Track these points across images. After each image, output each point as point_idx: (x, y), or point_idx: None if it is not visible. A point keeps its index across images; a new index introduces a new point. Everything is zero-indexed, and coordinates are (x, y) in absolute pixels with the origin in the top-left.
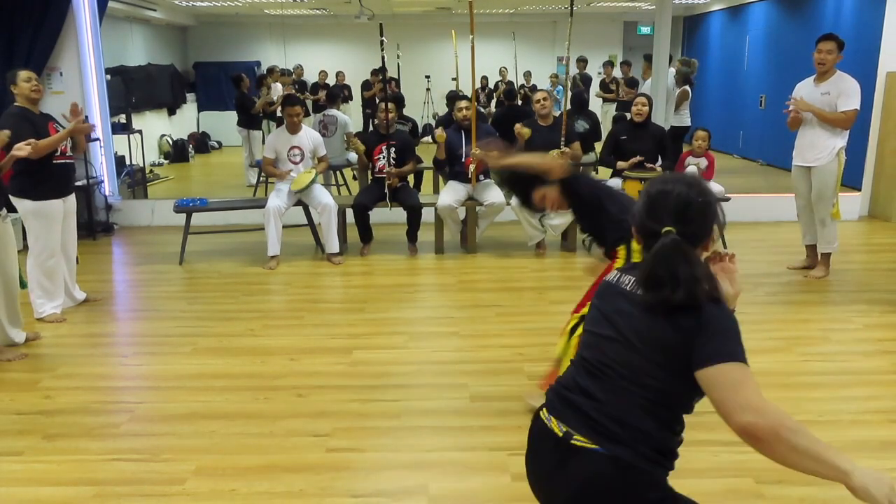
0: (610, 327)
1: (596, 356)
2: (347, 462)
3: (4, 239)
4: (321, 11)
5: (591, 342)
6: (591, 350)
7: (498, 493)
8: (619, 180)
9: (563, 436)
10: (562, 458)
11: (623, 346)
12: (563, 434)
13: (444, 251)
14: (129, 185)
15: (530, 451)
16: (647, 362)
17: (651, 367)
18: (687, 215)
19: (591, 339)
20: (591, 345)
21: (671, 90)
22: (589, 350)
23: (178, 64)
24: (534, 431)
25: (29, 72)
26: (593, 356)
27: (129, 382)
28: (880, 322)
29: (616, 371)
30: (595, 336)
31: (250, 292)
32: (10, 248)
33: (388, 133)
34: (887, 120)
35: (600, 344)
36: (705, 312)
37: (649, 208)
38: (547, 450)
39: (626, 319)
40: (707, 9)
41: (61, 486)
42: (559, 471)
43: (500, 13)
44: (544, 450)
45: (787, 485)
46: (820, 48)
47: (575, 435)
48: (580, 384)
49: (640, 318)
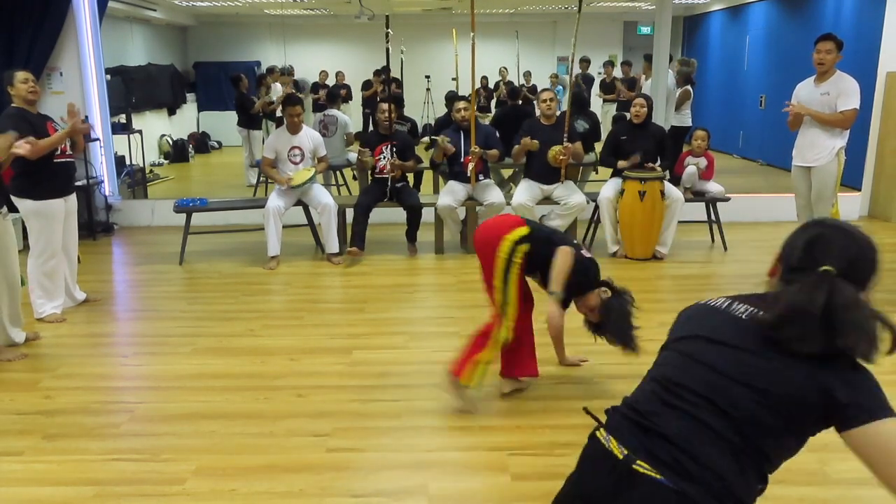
0: (711, 355)
1: (682, 380)
2: (347, 462)
3: (5, 238)
4: (321, 11)
5: (679, 364)
6: (678, 372)
7: (498, 493)
8: (620, 180)
9: (623, 459)
10: (618, 483)
11: (726, 381)
12: (624, 457)
13: (444, 251)
14: (129, 185)
15: (580, 473)
16: (760, 407)
17: (762, 413)
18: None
19: (681, 361)
20: (679, 367)
21: (671, 90)
22: (675, 371)
23: (178, 64)
24: (587, 453)
25: (25, 72)
26: (679, 379)
27: (129, 382)
28: None
29: (706, 404)
30: (687, 359)
31: (250, 292)
32: (12, 246)
33: (389, 133)
34: (887, 120)
35: (691, 369)
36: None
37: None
38: (602, 473)
39: (738, 354)
40: (707, 9)
41: (61, 486)
42: (613, 497)
43: (500, 13)
44: (599, 472)
45: (788, 485)
46: (819, 48)
47: (637, 460)
48: (653, 408)
49: (764, 357)
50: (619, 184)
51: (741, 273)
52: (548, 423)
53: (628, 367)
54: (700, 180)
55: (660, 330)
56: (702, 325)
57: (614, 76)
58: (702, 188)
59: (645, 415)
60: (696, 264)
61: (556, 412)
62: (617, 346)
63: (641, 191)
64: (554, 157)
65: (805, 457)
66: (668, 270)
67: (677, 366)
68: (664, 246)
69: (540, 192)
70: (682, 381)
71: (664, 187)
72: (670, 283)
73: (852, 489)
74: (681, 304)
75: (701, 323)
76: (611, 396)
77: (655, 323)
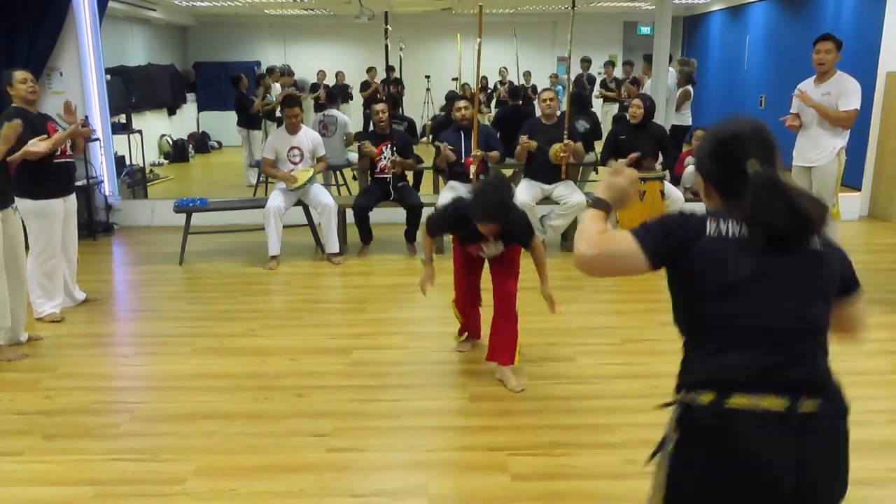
0: (756, 285)
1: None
2: (347, 462)
3: (15, 231)
4: (321, 11)
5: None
6: (762, 320)
7: (498, 493)
8: None
9: (787, 410)
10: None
11: (797, 303)
12: (787, 408)
13: (443, 251)
14: (129, 185)
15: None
16: (826, 309)
17: (817, 302)
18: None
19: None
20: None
21: (671, 90)
22: (758, 320)
23: (178, 64)
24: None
25: (24, 72)
26: (767, 324)
27: (129, 382)
28: (880, 322)
29: (800, 329)
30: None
31: (250, 292)
32: (21, 240)
33: (387, 133)
34: (887, 120)
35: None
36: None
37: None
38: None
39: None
40: (707, 9)
41: (61, 486)
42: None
43: (500, 13)
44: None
45: None
46: (818, 49)
47: (798, 401)
48: (762, 353)
49: (784, 262)
50: None
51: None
52: (548, 423)
53: (628, 367)
54: None
55: (660, 330)
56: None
57: (615, 76)
58: None
59: (759, 361)
60: None
61: (556, 412)
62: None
63: (641, 191)
64: (555, 154)
65: None
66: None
67: (753, 314)
68: None
69: (540, 191)
70: (770, 324)
71: (664, 187)
72: None
73: (855, 489)
74: None
75: (725, 264)
76: (611, 396)
77: (655, 323)
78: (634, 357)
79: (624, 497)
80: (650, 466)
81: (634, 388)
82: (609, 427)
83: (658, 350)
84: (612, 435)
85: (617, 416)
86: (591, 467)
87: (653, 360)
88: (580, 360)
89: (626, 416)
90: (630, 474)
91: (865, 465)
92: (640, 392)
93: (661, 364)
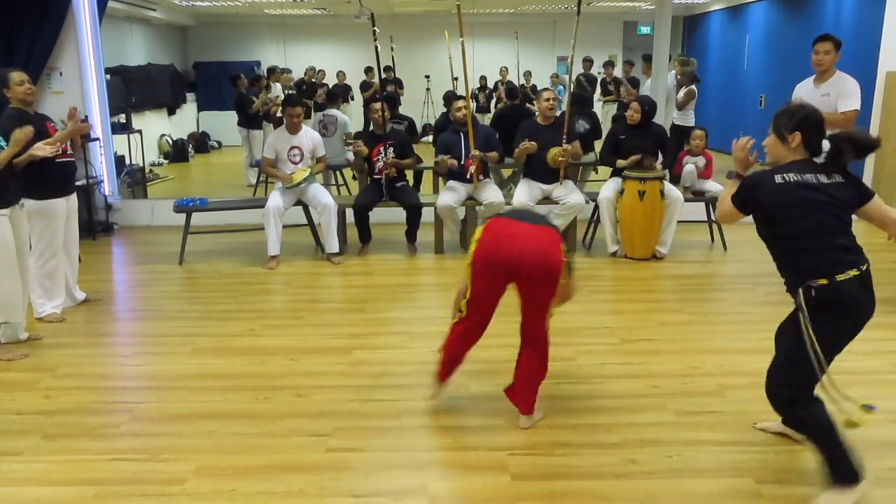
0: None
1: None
2: (347, 462)
3: (22, 229)
4: (321, 11)
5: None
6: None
7: (498, 493)
8: (619, 179)
9: (862, 273)
10: (867, 288)
11: (828, 206)
12: (862, 272)
13: (443, 251)
14: (128, 184)
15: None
16: (845, 206)
17: (846, 209)
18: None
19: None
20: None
21: (671, 90)
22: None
23: (178, 64)
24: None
25: (21, 73)
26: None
27: (129, 382)
28: (880, 322)
29: (842, 227)
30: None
31: (250, 292)
32: (26, 239)
33: (385, 133)
34: (887, 120)
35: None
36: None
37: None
38: (858, 289)
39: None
40: (707, 9)
41: (61, 486)
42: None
43: (500, 13)
44: (859, 292)
45: (787, 484)
46: (817, 49)
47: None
48: (829, 243)
49: (829, 187)
50: (618, 183)
51: (741, 273)
52: (548, 423)
53: (628, 367)
54: (699, 179)
55: (660, 330)
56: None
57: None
58: (701, 187)
59: (831, 248)
60: (696, 264)
61: (556, 412)
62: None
63: (641, 190)
64: (553, 158)
65: (806, 456)
66: (667, 270)
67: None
68: (664, 246)
69: (540, 191)
70: (820, 223)
71: (664, 187)
72: (670, 283)
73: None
74: (681, 304)
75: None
76: (611, 396)
77: (655, 323)
78: (634, 357)
79: (624, 497)
80: (652, 465)
81: (634, 388)
82: (609, 427)
83: (658, 350)
84: (612, 435)
85: (617, 416)
86: (591, 467)
87: (653, 360)
88: (580, 360)
89: (626, 416)
90: (630, 474)
91: (866, 465)
92: (640, 392)
93: (661, 364)
